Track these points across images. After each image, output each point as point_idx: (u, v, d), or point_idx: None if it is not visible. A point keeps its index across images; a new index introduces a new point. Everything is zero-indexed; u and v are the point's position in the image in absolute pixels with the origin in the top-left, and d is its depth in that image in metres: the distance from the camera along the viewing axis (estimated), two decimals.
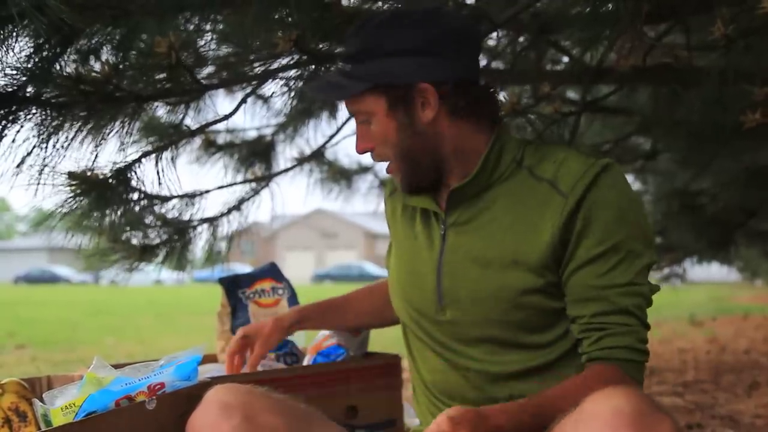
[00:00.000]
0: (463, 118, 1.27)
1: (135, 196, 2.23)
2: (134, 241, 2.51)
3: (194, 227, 2.65)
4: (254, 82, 2.53)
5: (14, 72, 1.71)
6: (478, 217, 1.29)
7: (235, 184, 2.87)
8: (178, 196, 2.46)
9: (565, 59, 3.02)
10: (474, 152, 1.28)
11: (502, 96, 2.42)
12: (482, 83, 1.33)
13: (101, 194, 2.07)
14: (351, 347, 1.65)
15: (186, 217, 2.57)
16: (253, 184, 2.90)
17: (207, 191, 2.61)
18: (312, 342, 1.73)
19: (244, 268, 3.25)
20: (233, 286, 1.75)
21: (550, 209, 1.22)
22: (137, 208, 2.27)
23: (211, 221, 2.72)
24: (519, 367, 1.28)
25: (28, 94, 1.78)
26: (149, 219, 2.44)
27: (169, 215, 2.51)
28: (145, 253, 2.55)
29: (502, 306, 1.26)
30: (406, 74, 1.23)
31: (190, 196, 2.53)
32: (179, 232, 2.59)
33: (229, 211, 2.78)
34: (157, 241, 2.56)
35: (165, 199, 2.41)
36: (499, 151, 1.28)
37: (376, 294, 1.64)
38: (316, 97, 2.65)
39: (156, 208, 2.42)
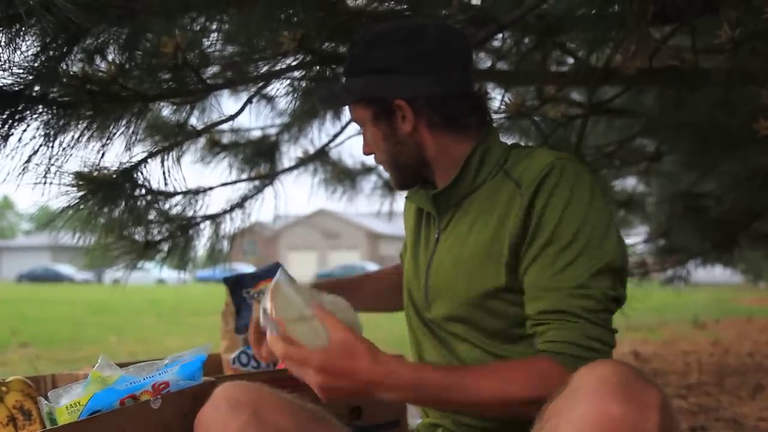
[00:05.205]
0: (443, 128, 1.33)
1: (140, 193, 2.23)
2: (137, 237, 2.50)
3: (197, 224, 2.65)
4: (259, 83, 2.54)
5: (21, 71, 1.71)
6: (461, 219, 1.34)
7: (239, 181, 2.88)
8: (182, 193, 2.46)
9: (570, 60, 3.01)
10: (458, 159, 1.33)
11: (506, 98, 2.42)
12: (466, 94, 1.35)
13: (108, 194, 2.08)
14: None
15: (189, 214, 2.57)
16: (257, 182, 2.91)
17: (210, 188, 2.61)
18: None
19: (246, 268, 3.25)
20: (237, 285, 1.75)
21: (514, 206, 1.25)
22: (142, 204, 2.28)
23: (214, 218, 2.72)
24: None
25: (34, 94, 1.78)
26: (153, 215, 2.44)
27: (173, 211, 2.51)
28: (148, 249, 2.55)
29: (469, 305, 1.28)
30: (383, 91, 1.32)
31: (194, 193, 2.53)
32: (182, 228, 2.59)
33: (233, 208, 2.79)
34: (160, 237, 2.56)
35: (169, 195, 2.42)
36: (482, 157, 1.32)
37: (382, 279, 1.71)
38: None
39: (160, 205, 2.42)
